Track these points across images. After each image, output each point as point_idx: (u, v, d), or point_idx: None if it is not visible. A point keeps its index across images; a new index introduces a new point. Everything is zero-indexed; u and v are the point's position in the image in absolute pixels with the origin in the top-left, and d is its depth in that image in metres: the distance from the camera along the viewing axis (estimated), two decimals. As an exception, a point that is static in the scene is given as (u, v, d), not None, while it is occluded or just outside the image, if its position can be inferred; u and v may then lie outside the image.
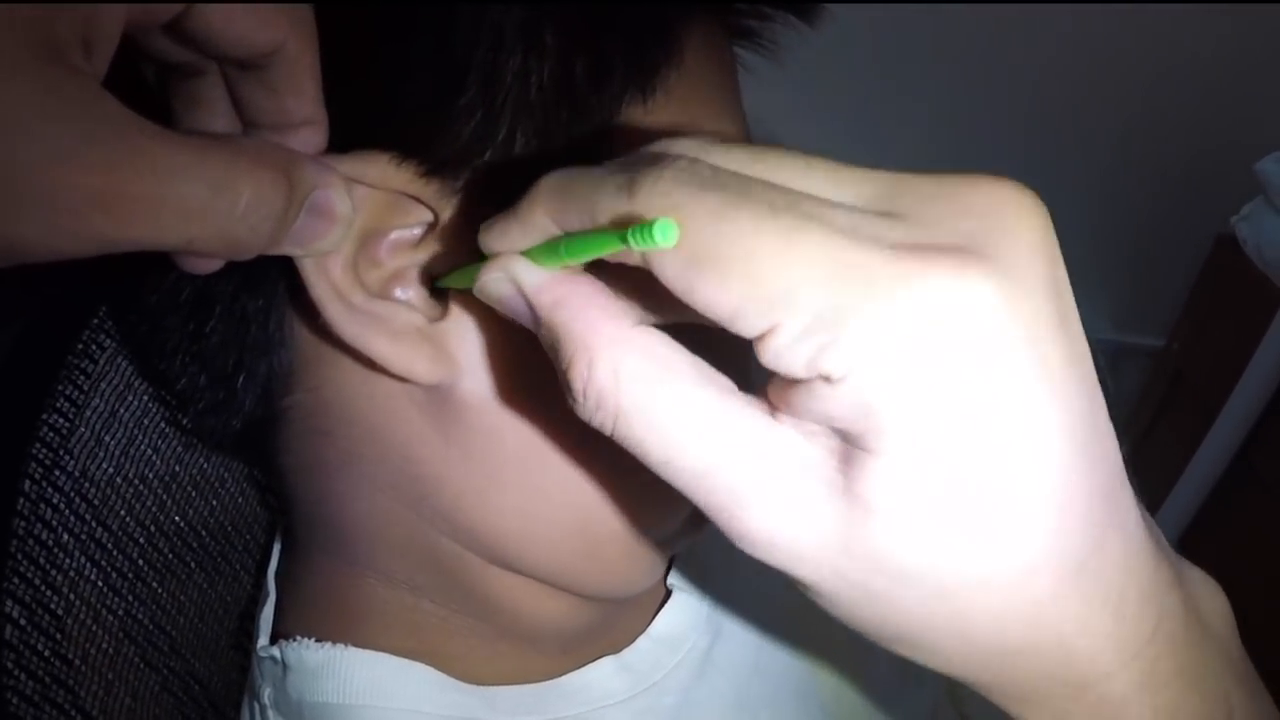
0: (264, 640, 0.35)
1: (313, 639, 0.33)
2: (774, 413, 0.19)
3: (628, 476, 0.29)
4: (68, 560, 0.33)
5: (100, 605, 0.34)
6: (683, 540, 0.35)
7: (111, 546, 0.35)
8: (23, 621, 0.32)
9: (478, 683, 0.34)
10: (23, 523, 0.32)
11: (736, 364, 0.20)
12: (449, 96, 0.25)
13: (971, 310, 0.17)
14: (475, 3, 0.25)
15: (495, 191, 0.22)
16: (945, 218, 0.18)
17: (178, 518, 0.38)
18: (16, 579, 0.32)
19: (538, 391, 0.28)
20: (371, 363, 0.26)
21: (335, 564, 0.34)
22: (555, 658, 0.36)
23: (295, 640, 0.33)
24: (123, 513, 0.35)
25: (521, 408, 0.28)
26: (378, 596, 0.33)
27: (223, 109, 0.23)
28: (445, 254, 0.26)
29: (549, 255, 0.20)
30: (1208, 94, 1.08)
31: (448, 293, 0.27)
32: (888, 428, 0.17)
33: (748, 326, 0.18)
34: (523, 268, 0.20)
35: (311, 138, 0.23)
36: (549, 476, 0.29)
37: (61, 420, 0.34)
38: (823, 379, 0.17)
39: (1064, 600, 0.19)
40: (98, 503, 0.34)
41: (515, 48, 0.25)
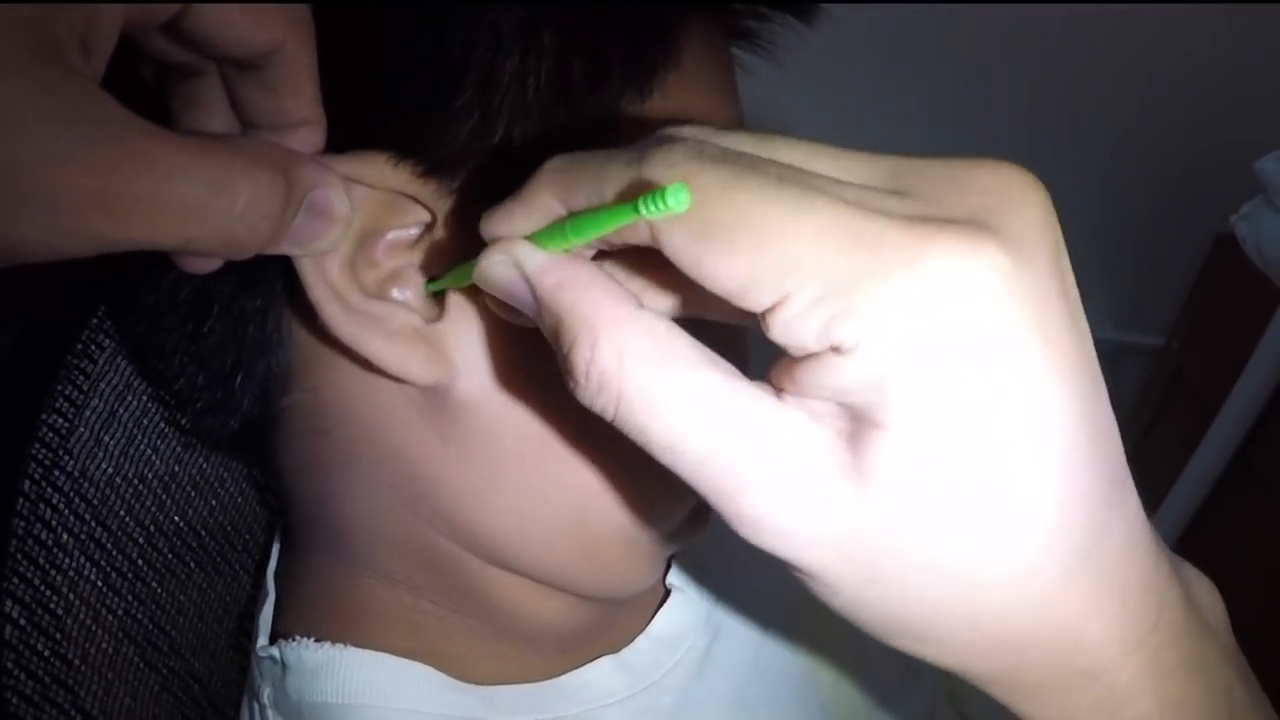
0: (263, 640, 0.35)
1: (312, 639, 0.33)
2: (779, 395, 0.19)
3: (626, 474, 0.29)
4: (67, 560, 0.33)
5: (100, 605, 0.34)
6: (681, 540, 0.35)
7: (111, 546, 0.35)
8: (22, 621, 0.32)
9: (477, 682, 0.34)
10: (22, 523, 0.32)
11: (733, 359, 0.20)
12: (446, 97, 0.25)
13: (984, 281, 0.17)
14: (473, 2, 0.25)
15: (493, 192, 0.22)
16: (952, 195, 0.18)
17: (177, 518, 0.38)
18: (16, 579, 0.32)
19: (535, 391, 0.28)
20: (369, 363, 0.26)
21: (334, 564, 0.34)
22: (554, 657, 0.36)
23: (295, 640, 0.33)
24: (122, 513, 0.35)
25: (519, 408, 0.28)
26: (377, 596, 0.33)
27: (221, 109, 0.23)
28: (442, 254, 0.26)
29: (552, 240, 0.20)
30: (1207, 93, 1.08)
31: (445, 293, 0.27)
32: (898, 399, 0.17)
33: (756, 299, 0.18)
34: (525, 250, 0.20)
35: (309, 137, 0.23)
36: (547, 476, 0.29)
37: (61, 420, 0.34)
38: (833, 350, 0.17)
39: (1072, 585, 0.18)
40: (97, 503, 0.34)
41: (513, 48, 0.25)
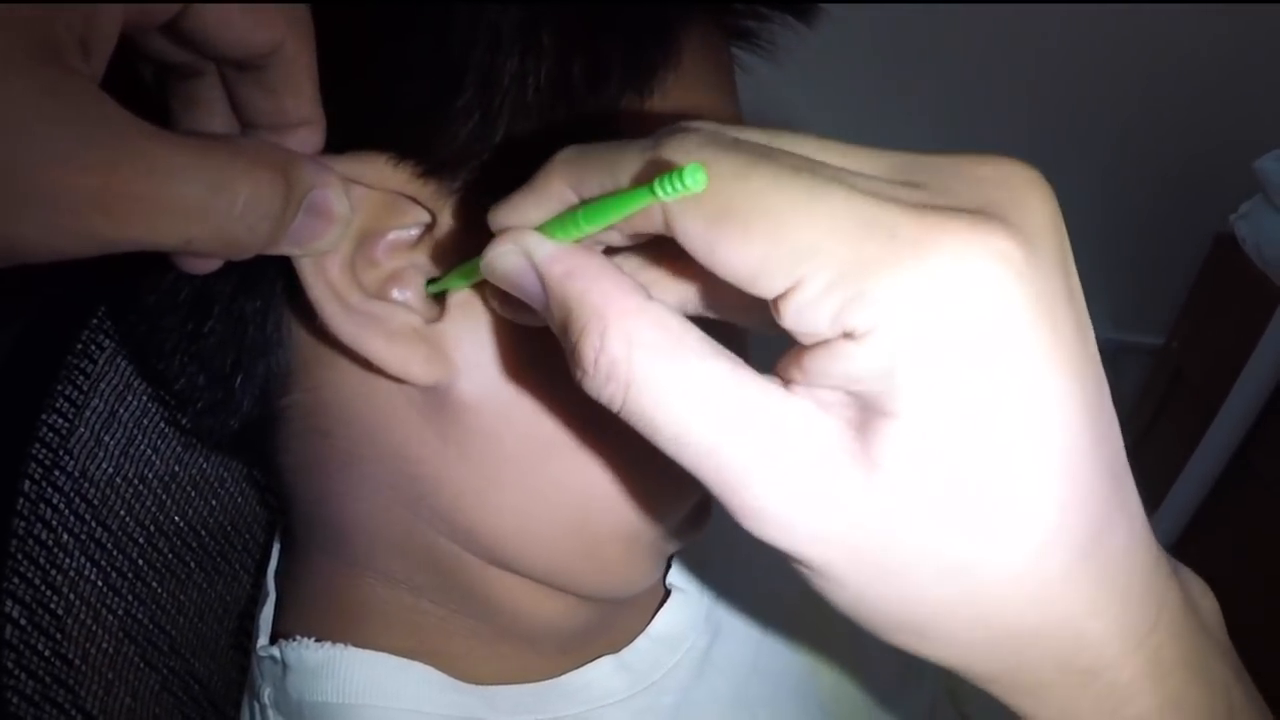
0: (264, 640, 0.35)
1: (312, 639, 0.33)
2: (788, 386, 0.19)
3: (628, 472, 0.29)
4: (68, 560, 0.34)
5: (100, 605, 0.35)
6: (682, 539, 0.35)
7: (111, 546, 0.35)
8: (23, 621, 0.32)
9: (477, 682, 0.34)
10: (23, 523, 0.33)
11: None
12: (446, 97, 0.25)
13: (996, 271, 0.17)
14: (473, 3, 0.25)
15: (493, 192, 0.22)
16: (961, 187, 0.18)
17: (177, 517, 0.38)
18: (16, 579, 0.32)
19: (536, 391, 0.28)
20: (369, 363, 0.26)
21: (335, 564, 0.34)
22: (555, 657, 0.36)
23: (295, 640, 0.33)
24: (122, 512, 0.35)
25: (519, 408, 0.28)
26: (377, 596, 0.33)
27: (221, 109, 0.23)
28: (443, 254, 0.26)
29: (562, 229, 0.20)
30: (1206, 93, 1.08)
31: (445, 293, 0.27)
32: (909, 386, 0.17)
33: (769, 285, 0.18)
34: (535, 240, 0.20)
35: (309, 138, 0.23)
36: (547, 476, 0.29)
37: (61, 420, 0.34)
38: (846, 336, 0.17)
39: (1074, 581, 0.18)
40: (97, 503, 0.34)
41: (513, 48, 0.25)
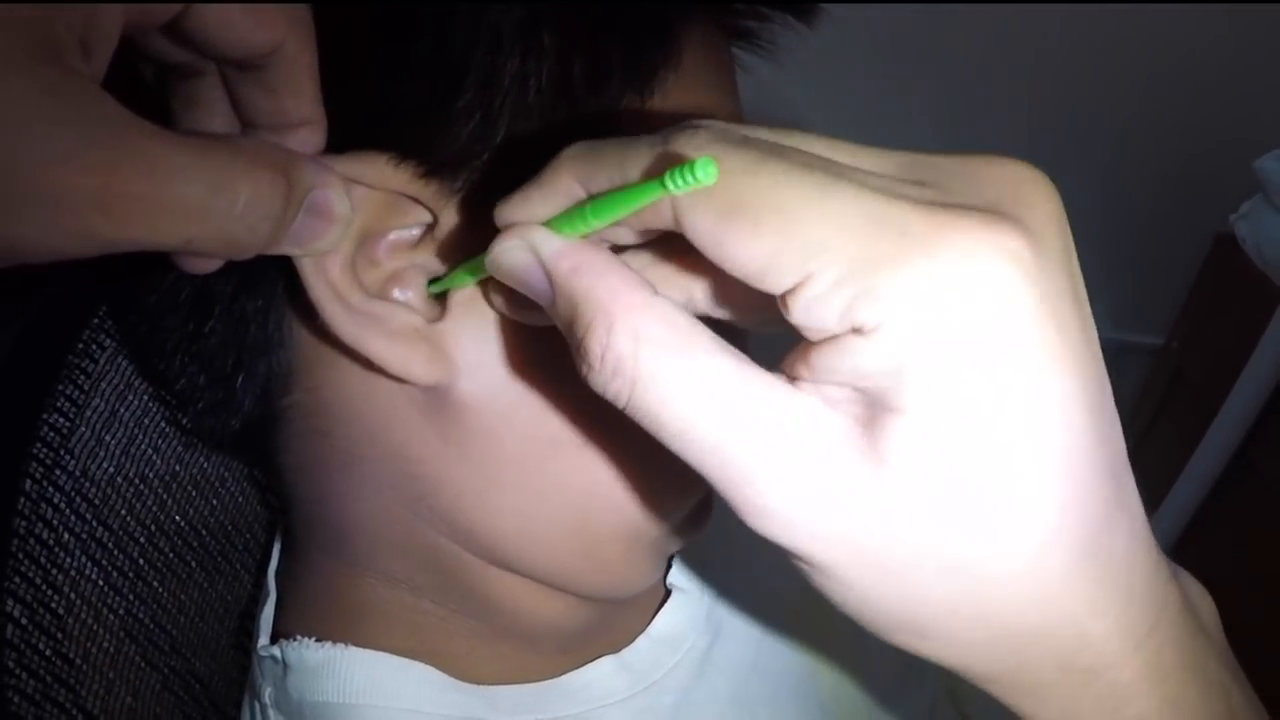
0: (264, 639, 0.35)
1: (313, 638, 0.33)
2: (794, 383, 0.19)
3: (629, 472, 0.29)
4: (68, 559, 0.34)
5: (101, 604, 0.35)
6: (682, 539, 0.35)
7: (112, 546, 0.35)
8: (24, 620, 0.32)
9: (478, 682, 0.34)
10: (24, 522, 0.33)
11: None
12: (447, 97, 0.25)
13: (1005, 269, 0.17)
14: (474, 3, 0.25)
15: (494, 192, 0.22)
16: (969, 187, 0.18)
17: (178, 517, 0.38)
18: (18, 578, 0.32)
19: (537, 391, 0.28)
20: (370, 363, 0.26)
21: (335, 563, 0.34)
22: (555, 657, 0.36)
23: (296, 639, 0.33)
24: (123, 512, 0.35)
25: (520, 408, 0.28)
26: (378, 596, 0.33)
27: (221, 109, 0.23)
28: (444, 254, 0.26)
29: (569, 224, 0.20)
30: (1206, 93, 1.08)
31: (446, 293, 0.27)
32: (917, 381, 0.17)
33: (778, 280, 0.18)
34: (541, 235, 0.20)
35: (310, 138, 0.23)
36: (547, 477, 0.29)
37: (62, 420, 0.34)
38: (854, 331, 0.17)
39: (1075, 580, 0.18)
40: (98, 502, 0.35)
41: (514, 49, 0.25)
